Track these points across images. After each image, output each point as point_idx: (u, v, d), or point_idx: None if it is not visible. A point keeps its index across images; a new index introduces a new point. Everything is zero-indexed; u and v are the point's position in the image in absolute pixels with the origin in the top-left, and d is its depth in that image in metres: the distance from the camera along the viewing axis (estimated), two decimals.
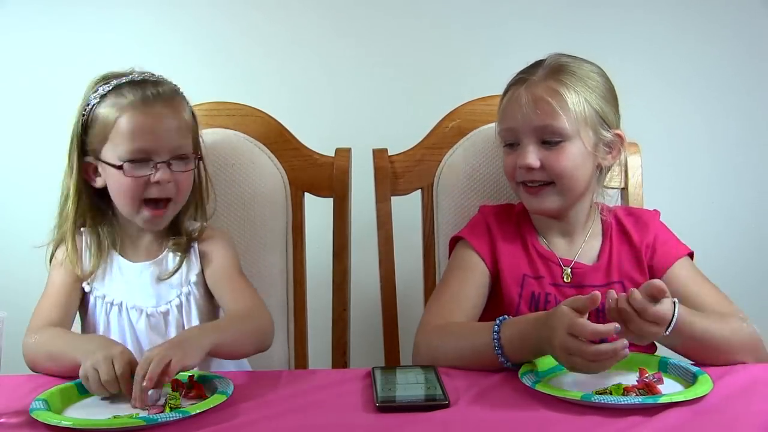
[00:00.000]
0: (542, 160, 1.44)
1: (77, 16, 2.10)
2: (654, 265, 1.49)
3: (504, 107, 1.50)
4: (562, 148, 1.44)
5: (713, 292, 1.44)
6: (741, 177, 2.17)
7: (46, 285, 1.53)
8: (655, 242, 1.50)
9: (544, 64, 1.48)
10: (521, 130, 1.45)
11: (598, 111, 1.46)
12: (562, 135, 1.43)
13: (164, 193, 1.45)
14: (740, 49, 2.13)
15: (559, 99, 1.43)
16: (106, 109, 1.45)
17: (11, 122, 2.13)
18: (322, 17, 2.11)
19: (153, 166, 1.43)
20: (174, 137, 1.45)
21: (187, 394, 1.23)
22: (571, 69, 1.47)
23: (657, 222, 1.54)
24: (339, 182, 1.74)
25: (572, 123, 1.43)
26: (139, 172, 1.43)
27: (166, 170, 1.43)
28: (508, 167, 1.50)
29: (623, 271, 1.49)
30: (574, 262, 1.50)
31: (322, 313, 1.78)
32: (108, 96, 1.46)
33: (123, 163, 1.42)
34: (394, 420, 1.13)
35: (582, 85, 1.45)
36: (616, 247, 1.51)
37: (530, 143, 1.45)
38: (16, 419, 1.16)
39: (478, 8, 2.11)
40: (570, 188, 1.46)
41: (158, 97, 1.45)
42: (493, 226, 1.54)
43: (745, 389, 1.21)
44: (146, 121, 1.43)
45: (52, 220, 1.56)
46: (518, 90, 1.47)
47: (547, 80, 1.45)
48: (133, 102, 1.44)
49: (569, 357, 1.19)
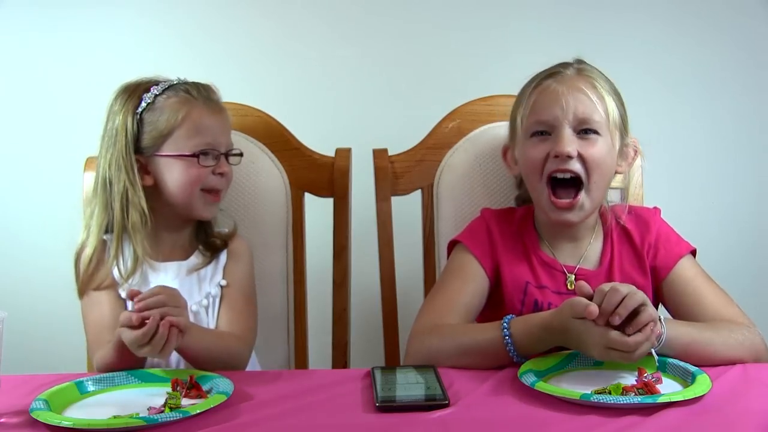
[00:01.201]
0: (578, 150, 1.42)
1: (76, 17, 2.09)
2: (657, 264, 1.48)
3: (537, 99, 1.46)
4: (596, 142, 1.43)
5: (715, 294, 1.43)
6: (740, 177, 2.17)
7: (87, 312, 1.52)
8: (657, 241, 1.48)
9: (571, 65, 1.48)
10: (559, 119, 1.42)
11: (621, 115, 1.47)
12: (599, 128, 1.43)
13: (222, 184, 1.57)
14: (738, 51, 2.13)
15: (596, 93, 1.44)
16: (168, 107, 1.53)
17: (11, 122, 2.13)
18: (322, 17, 2.11)
19: (214, 158, 1.54)
20: (228, 135, 1.59)
21: (187, 394, 1.23)
22: (598, 72, 1.48)
23: (658, 220, 1.52)
24: (339, 182, 1.74)
25: (605, 120, 1.43)
26: (209, 162, 1.54)
27: (225, 163, 1.57)
28: (536, 157, 1.45)
29: (624, 272, 1.48)
30: (578, 268, 1.48)
31: (322, 313, 1.78)
32: (164, 96, 1.54)
33: (198, 153, 1.52)
34: (393, 420, 1.13)
35: (610, 87, 1.47)
36: (617, 249, 1.50)
37: (568, 131, 1.42)
38: (16, 419, 1.16)
39: (479, 9, 2.11)
40: (598, 187, 1.44)
41: (216, 97, 1.59)
42: (494, 232, 1.51)
43: (743, 389, 1.21)
44: (211, 117, 1.55)
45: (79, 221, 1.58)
46: (552, 84, 1.45)
47: (581, 76, 1.46)
48: (198, 99, 1.55)
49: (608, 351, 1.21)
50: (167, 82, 1.56)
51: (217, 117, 1.57)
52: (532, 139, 1.46)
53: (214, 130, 1.55)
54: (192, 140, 1.52)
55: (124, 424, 1.12)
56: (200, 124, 1.53)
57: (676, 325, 1.31)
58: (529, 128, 1.46)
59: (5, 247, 2.13)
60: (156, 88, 1.54)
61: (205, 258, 1.57)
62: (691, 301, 1.43)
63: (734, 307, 1.41)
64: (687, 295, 1.44)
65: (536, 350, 1.31)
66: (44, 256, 2.11)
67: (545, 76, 1.48)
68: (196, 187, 1.53)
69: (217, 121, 1.56)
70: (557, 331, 1.27)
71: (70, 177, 1.80)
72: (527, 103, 1.48)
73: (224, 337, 1.49)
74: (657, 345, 1.25)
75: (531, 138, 1.46)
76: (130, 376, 1.31)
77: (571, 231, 1.50)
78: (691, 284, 1.45)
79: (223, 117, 1.58)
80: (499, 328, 1.32)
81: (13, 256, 2.14)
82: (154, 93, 1.54)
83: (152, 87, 1.54)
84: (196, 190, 1.53)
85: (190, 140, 1.52)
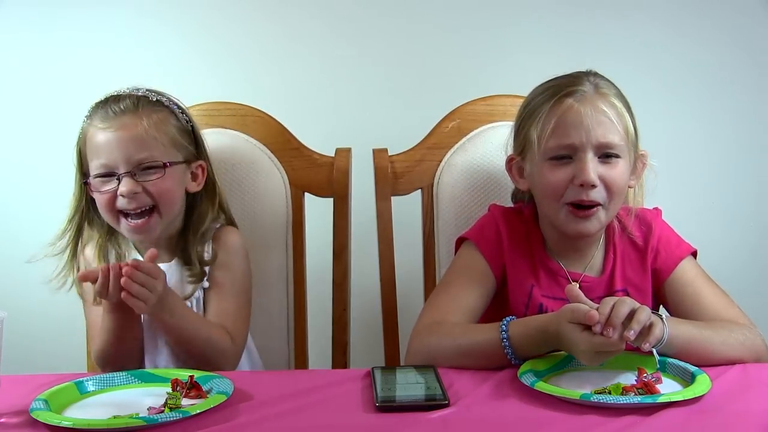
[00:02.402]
0: (600, 176, 1.38)
1: (76, 17, 2.09)
2: (658, 267, 1.47)
3: (559, 120, 1.39)
4: (617, 164, 1.40)
5: (715, 295, 1.43)
6: (740, 178, 2.17)
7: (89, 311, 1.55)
8: (659, 243, 1.47)
9: (586, 79, 1.43)
10: (584, 144, 1.38)
11: (636, 130, 1.44)
12: (620, 151, 1.40)
13: (136, 204, 1.47)
14: (739, 51, 2.13)
15: (618, 114, 1.40)
16: (84, 130, 1.52)
17: (11, 123, 2.12)
18: (322, 17, 2.11)
19: (117, 178, 1.47)
20: (135, 149, 1.47)
21: (187, 394, 1.23)
22: (612, 85, 1.44)
23: (659, 221, 1.51)
24: (339, 182, 1.74)
25: (624, 140, 1.40)
26: (104, 187, 1.48)
27: (130, 182, 1.46)
28: (557, 184, 1.40)
29: (626, 276, 1.47)
30: (583, 276, 1.47)
31: (322, 313, 1.78)
32: (87, 117, 1.53)
33: (90, 179, 1.49)
34: (393, 420, 1.13)
35: (625, 104, 1.44)
36: (620, 254, 1.48)
37: (590, 159, 1.38)
38: (16, 419, 1.16)
39: (479, 9, 2.11)
40: (614, 208, 1.42)
41: (120, 112, 1.49)
42: (503, 230, 1.49)
43: (743, 389, 1.21)
44: (106, 135, 1.48)
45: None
46: (573, 103, 1.39)
47: (600, 95, 1.41)
48: (93, 122, 1.50)
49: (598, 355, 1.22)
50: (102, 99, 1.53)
51: (112, 134, 1.47)
52: (550, 162, 1.41)
53: (109, 148, 1.47)
54: (89, 165, 1.50)
55: (124, 425, 1.12)
56: (90, 147, 1.49)
57: (675, 323, 1.31)
58: (550, 152, 1.41)
59: (5, 247, 2.13)
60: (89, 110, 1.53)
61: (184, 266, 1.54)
62: (691, 302, 1.43)
63: (735, 308, 1.41)
64: (687, 296, 1.43)
65: (533, 353, 1.30)
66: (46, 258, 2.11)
67: (564, 94, 1.41)
68: (108, 210, 1.49)
69: (110, 138, 1.47)
70: (553, 335, 1.27)
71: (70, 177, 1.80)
72: (546, 122, 1.41)
73: (210, 326, 1.48)
74: (659, 344, 1.25)
75: (549, 160, 1.41)
76: (130, 376, 1.31)
77: (577, 241, 1.47)
78: (691, 286, 1.44)
79: (124, 131, 1.47)
80: (497, 330, 1.31)
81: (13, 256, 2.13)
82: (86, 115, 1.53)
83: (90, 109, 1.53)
84: (110, 213, 1.49)
85: (91, 164, 1.50)
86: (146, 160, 1.48)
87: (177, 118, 1.55)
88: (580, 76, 1.44)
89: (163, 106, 1.54)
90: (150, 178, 1.48)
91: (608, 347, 1.21)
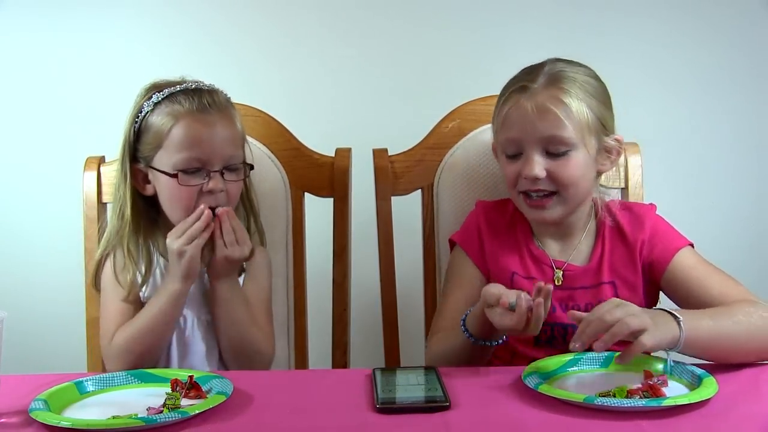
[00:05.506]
0: (548, 170, 1.42)
1: (77, 17, 2.09)
2: (654, 260, 1.46)
3: (506, 116, 1.45)
4: (567, 158, 1.42)
5: (719, 276, 1.41)
6: (740, 177, 2.17)
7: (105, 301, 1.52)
8: (652, 238, 1.47)
9: (543, 71, 1.45)
10: (526, 140, 1.43)
11: (599, 117, 1.44)
12: (568, 144, 1.42)
13: (216, 202, 1.45)
14: (739, 51, 2.13)
15: (564, 108, 1.41)
16: (160, 117, 1.46)
17: (11, 122, 2.12)
18: (322, 17, 2.11)
19: (206, 174, 1.44)
20: (227, 147, 1.47)
21: (186, 394, 1.23)
22: (570, 76, 1.45)
23: (653, 216, 1.51)
24: (339, 182, 1.74)
25: (577, 132, 1.42)
26: (193, 181, 1.44)
27: (219, 179, 1.45)
28: (510, 176, 1.47)
29: (614, 269, 1.47)
30: (567, 264, 1.49)
31: (322, 313, 1.78)
32: (162, 104, 1.47)
33: (177, 172, 1.44)
34: (394, 421, 1.13)
35: (583, 92, 1.43)
36: (608, 246, 1.49)
37: (535, 153, 1.42)
38: (16, 419, 1.16)
39: (478, 8, 2.11)
40: (574, 197, 1.45)
41: (213, 106, 1.47)
42: (482, 225, 1.54)
43: (750, 391, 1.20)
44: (201, 130, 1.44)
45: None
46: (519, 99, 1.44)
47: (549, 89, 1.43)
48: (188, 110, 1.45)
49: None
50: (177, 86, 1.49)
51: (208, 129, 1.44)
52: (505, 158, 1.48)
53: (203, 144, 1.44)
54: (175, 156, 1.44)
55: (123, 425, 1.12)
56: (184, 138, 1.44)
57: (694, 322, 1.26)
58: (501, 145, 1.48)
59: (5, 247, 2.13)
60: (158, 94, 1.47)
61: None
62: (696, 286, 1.41)
63: (740, 287, 1.39)
64: (691, 281, 1.42)
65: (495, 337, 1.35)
66: (44, 255, 2.11)
67: (513, 90, 1.46)
68: (185, 206, 1.44)
69: (206, 135, 1.44)
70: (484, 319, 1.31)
71: (70, 177, 1.80)
72: (498, 116, 1.48)
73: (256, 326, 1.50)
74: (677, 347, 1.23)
75: (503, 156, 1.48)
76: (130, 376, 1.31)
77: (559, 228, 1.50)
78: (693, 272, 1.43)
79: (218, 128, 1.46)
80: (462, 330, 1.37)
81: (13, 256, 2.13)
82: (155, 100, 1.47)
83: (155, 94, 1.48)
84: (186, 209, 1.44)
85: (174, 156, 1.44)
86: (234, 159, 1.48)
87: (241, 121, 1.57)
88: (536, 69, 1.47)
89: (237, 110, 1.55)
90: (232, 179, 1.48)
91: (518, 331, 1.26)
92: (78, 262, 1.69)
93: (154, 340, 1.45)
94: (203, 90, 1.50)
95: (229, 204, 1.48)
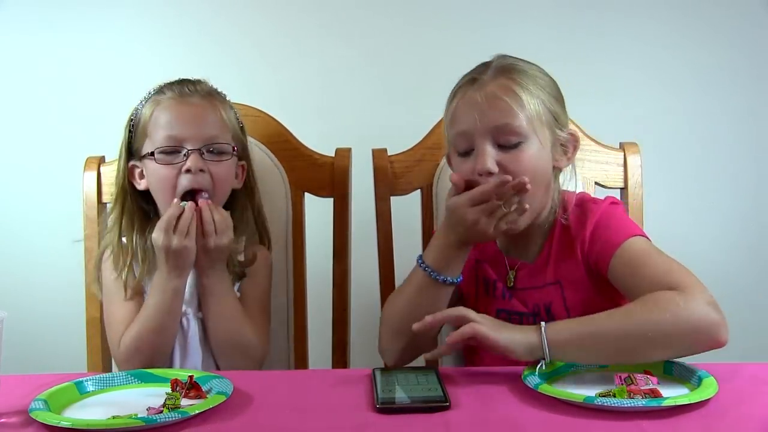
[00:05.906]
0: (500, 162, 1.36)
1: (76, 17, 2.09)
2: (596, 256, 1.39)
3: (455, 110, 1.41)
4: (520, 150, 1.37)
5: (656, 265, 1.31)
6: (739, 177, 2.17)
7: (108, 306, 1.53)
8: (594, 233, 1.39)
9: (492, 65, 1.42)
10: (477, 132, 1.37)
11: (551, 110, 1.41)
12: (520, 134, 1.36)
13: (197, 184, 1.45)
14: (738, 51, 2.13)
15: (515, 96, 1.37)
16: (146, 109, 1.50)
17: (12, 122, 2.12)
18: (322, 17, 2.11)
19: (185, 154, 1.45)
20: (207, 128, 1.48)
21: (186, 394, 1.23)
22: (521, 68, 1.42)
23: (602, 210, 1.42)
24: (339, 182, 1.74)
25: (529, 121, 1.37)
26: (171, 159, 1.45)
27: (197, 158, 1.45)
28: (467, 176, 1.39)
29: (559, 270, 1.43)
30: (519, 263, 1.47)
31: (322, 313, 1.78)
32: (150, 97, 1.51)
33: (154, 151, 1.46)
34: (394, 421, 1.13)
35: (534, 84, 1.40)
36: (555, 243, 1.44)
37: (487, 145, 1.36)
38: (16, 419, 1.15)
39: (478, 8, 2.11)
40: (533, 195, 1.36)
41: (195, 93, 1.50)
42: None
43: (750, 391, 1.20)
44: (178, 109, 1.47)
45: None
46: (468, 91, 1.40)
47: (499, 78, 1.39)
48: (170, 97, 1.48)
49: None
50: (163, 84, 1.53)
51: (186, 108, 1.46)
52: (458, 158, 1.42)
53: (179, 122, 1.45)
54: (155, 138, 1.47)
55: (123, 425, 1.12)
56: (162, 119, 1.46)
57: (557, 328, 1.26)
58: (452, 143, 1.43)
59: (5, 247, 2.13)
60: (150, 91, 1.52)
61: None
62: (630, 281, 1.33)
63: (677, 274, 1.28)
64: (627, 276, 1.34)
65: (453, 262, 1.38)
66: (44, 255, 2.11)
67: (461, 85, 1.43)
68: (166, 187, 1.45)
69: (183, 113, 1.46)
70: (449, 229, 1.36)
71: (70, 177, 1.80)
72: (447, 113, 1.44)
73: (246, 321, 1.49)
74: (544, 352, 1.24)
75: (457, 157, 1.42)
76: (130, 376, 1.31)
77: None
78: (630, 264, 1.34)
79: (196, 109, 1.47)
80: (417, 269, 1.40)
81: (13, 256, 2.13)
82: (146, 97, 1.52)
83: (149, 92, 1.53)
84: (168, 191, 1.45)
85: (154, 139, 1.47)
86: (216, 140, 1.48)
87: (237, 117, 1.59)
88: (486, 63, 1.45)
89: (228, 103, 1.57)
90: (214, 159, 1.47)
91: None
92: (78, 262, 1.70)
93: (160, 338, 1.46)
94: (188, 80, 1.53)
95: (216, 188, 1.48)
